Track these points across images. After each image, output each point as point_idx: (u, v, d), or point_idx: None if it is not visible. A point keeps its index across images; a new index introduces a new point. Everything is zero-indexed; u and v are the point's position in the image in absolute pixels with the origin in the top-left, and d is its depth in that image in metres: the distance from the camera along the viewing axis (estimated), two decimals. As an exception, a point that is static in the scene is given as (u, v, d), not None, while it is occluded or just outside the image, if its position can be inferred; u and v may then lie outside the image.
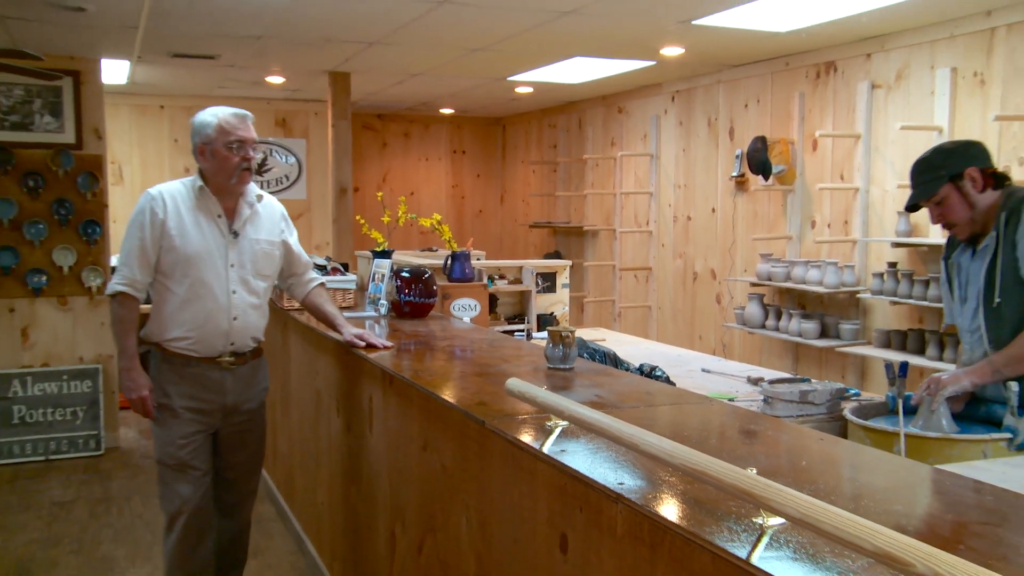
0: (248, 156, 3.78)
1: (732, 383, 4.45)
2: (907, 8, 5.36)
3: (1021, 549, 1.70)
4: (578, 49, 6.84)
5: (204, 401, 3.85)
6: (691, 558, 1.72)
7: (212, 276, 3.79)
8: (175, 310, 3.78)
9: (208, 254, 3.79)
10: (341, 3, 5.42)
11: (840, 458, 2.38)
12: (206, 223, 3.81)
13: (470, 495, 2.82)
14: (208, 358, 3.83)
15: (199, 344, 3.81)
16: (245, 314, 3.88)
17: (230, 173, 3.77)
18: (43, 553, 5.30)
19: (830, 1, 5.21)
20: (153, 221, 3.73)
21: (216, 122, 3.75)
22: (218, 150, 3.75)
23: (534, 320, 6.27)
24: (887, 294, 5.86)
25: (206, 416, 3.87)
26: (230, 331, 3.84)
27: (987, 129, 5.49)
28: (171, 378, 3.82)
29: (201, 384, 3.84)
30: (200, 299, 3.77)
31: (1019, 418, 3.05)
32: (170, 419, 3.82)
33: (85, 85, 7.46)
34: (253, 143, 3.82)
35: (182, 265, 3.75)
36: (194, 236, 3.78)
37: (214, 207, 3.83)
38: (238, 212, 3.88)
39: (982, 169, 3.30)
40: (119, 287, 3.74)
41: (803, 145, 6.89)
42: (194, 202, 3.82)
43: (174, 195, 3.82)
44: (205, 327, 3.79)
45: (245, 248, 3.88)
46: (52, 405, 7.34)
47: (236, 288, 3.85)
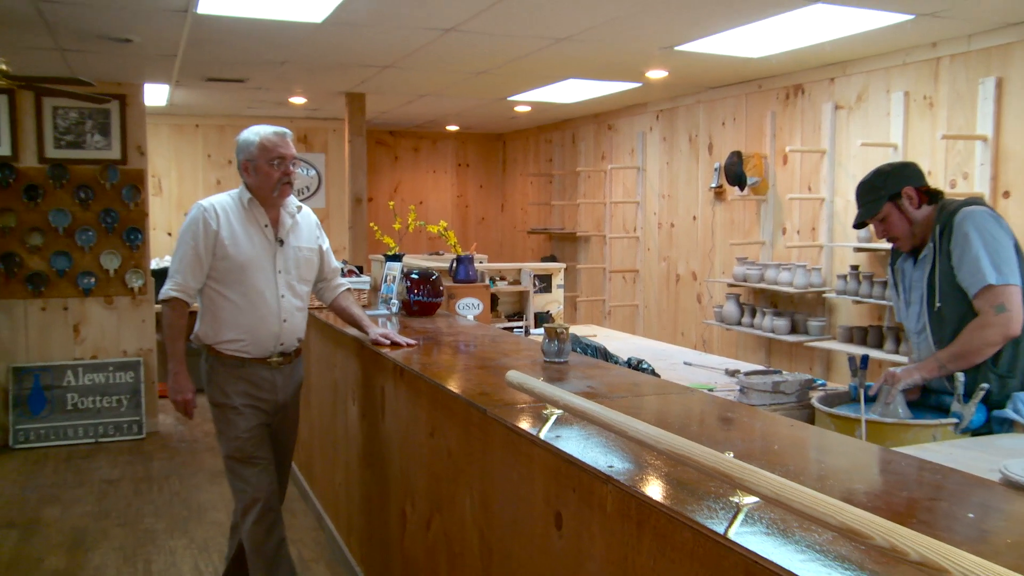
0: (288, 171, 3.75)
1: (711, 375, 4.46)
2: (865, 38, 5.38)
3: (963, 520, 1.72)
4: (571, 72, 6.84)
5: (260, 400, 3.82)
6: (674, 534, 1.73)
7: (264, 282, 3.76)
8: (230, 315, 3.74)
9: (259, 261, 3.76)
10: (357, 32, 5.42)
11: (808, 442, 2.39)
12: (255, 232, 3.78)
13: (473, 477, 2.83)
14: (259, 359, 3.80)
15: (252, 346, 3.77)
16: (292, 316, 3.86)
17: (272, 187, 3.74)
18: (95, 524, 5.37)
19: (797, 31, 5.21)
20: (207, 231, 3.69)
21: (258, 140, 3.72)
22: (261, 166, 3.72)
23: (532, 318, 6.28)
24: (850, 294, 5.87)
25: (263, 412, 3.84)
26: (280, 333, 3.81)
27: (936, 146, 5.52)
28: (227, 379, 3.78)
29: (255, 383, 3.81)
30: (254, 304, 3.74)
31: (964, 405, 3.08)
32: (233, 416, 3.79)
33: (130, 107, 7.53)
34: (292, 158, 3.78)
35: (236, 272, 3.71)
36: (245, 245, 3.74)
37: (261, 217, 3.80)
38: (281, 222, 3.85)
39: (917, 188, 3.35)
40: (173, 293, 3.69)
41: (775, 159, 6.89)
42: (243, 213, 3.78)
43: (224, 207, 3.78)
44: (258, 330, 3.76)
45: (290, 255, 3.86)
46: (100, 393, 7.44)
47: (284, 292, 3.82)
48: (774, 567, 1.45)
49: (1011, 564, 1.26)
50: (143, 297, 7.60)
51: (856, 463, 2.20)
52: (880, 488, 1.96)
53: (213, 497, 5.86)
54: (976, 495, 1.87)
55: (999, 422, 3.11)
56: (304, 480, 5.81)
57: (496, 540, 2.64)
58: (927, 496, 1.87)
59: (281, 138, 3.76)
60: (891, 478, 2.03)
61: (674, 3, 4.62)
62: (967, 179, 5.31)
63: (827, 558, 1.47)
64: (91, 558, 4.84)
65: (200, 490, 6.02)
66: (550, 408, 2.39)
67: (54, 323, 7.37)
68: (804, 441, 2.38)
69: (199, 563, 4.76)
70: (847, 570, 1.42)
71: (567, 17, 5.00)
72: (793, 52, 5.85)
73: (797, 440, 2.36)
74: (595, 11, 4.84)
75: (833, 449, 2.33)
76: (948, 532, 1.62)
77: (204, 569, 4.68)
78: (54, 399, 7.30)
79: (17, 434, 7.16)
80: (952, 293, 3.22)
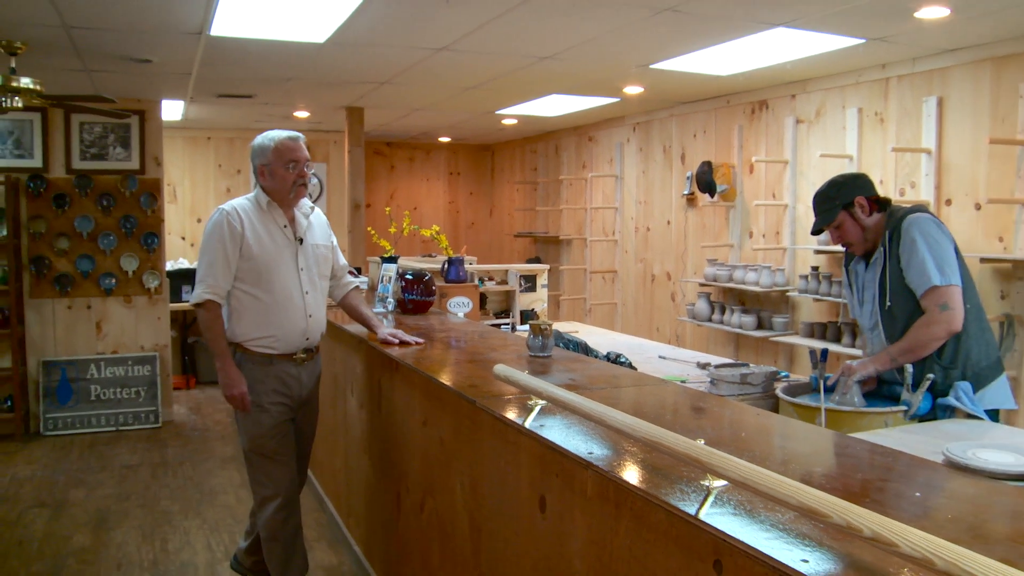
0: (303, 173, 3.61)
1: (684, 368, 4.46)
2: (822, 59, 5.40)
3: (911, 498, 1.73)
4: (554, 88, 6.84)
5: (286, 396, 3.66)
6: (649, 515, 1.73)
7: (289, 280, 3.62)
8: (260, 314, 3.56)
9: (282, 260, 3.61)
10: (356, 51, 5.41)
11: (772, 429, 2.39)
12: (276, 232, 3.63)
13: (463, 463, 2.83)
14: (286, 355, 3.64)
15: (280, 343, 3.60)
16: (317, 312, 3.72)
17: (288, 189, 3.59)
18: (117, 505, 5.36)
19: (762, 51, 5.23)
20: (232, 233, 3.51)
21: (274, 145, 3.57)
22: (276, 170, 3.57)
23: (518, 315, 6.27)
24: (811, 292, 5.89)
25: (288, 408, 3.69)
26: (307, 328, 3.67)
27: (887, 158, 5.54)
28: (256, 376, 3.59)
29: (281, 380, 3.64)
30: (281, 302, 3.58)
31: (912, 394, 3.11)
32: (259, 413, 3.61)
33: (148, 122, 7.51)
34: (306, 161, 3.64)
35: (263, 272, 3.55)
36: (268, 244, 3.59)
37: (280, 218, 3.64)
38: (297, 222, 3.70)
39: (868, 197, 3.38)
40: (207, 295, 3.50)
41: (742, 169, 6.90)
42: (262, 215, 3.61)
43: (245, 209, 3.61)
44: (287, 326, 3.60)
45: (309, 252, 3.71)
46: (120, 385, 7.43)
47: (308, 289, 3.68)
48: (741, 545, 1.46)
49: (951, 537, 1.27)
50: (159, 296, 7.60)
51: (816, 448, 2.20)
52: (837, 471, 1.97)
53: (223, 481, 5.85)
54: (922, 476, 1.88)
55: (943, 409, 3.14)
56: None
57: (484, 522, 2.64)
58: (879, 477, 1.87)
59: (295, 142, 3.62)
60: (847, 461, 2.04)
61: (649, 25, 4.63)
62: (914, 188, 5.33)
63: (790, 536, 1.47)
64: (114, 536, 4.83)
65: (211, 475, 6.00)
66: (535, 399, 2.39)
67: (79, 320, 7.37)
68: (769, 428, 2.39)
69: (211, 541, 4.74)
70: (808, 546, 1.42)
71: (550, 37, 5.00)
72: (758, 71, 5.87)
73: (763, 427, 2.37)
74: (576, 32, 4.84)
75: (795, 435, 2.34)
76: (897, 510, 1.63)
77: (215, 547, 4.66)
78: (79, 390, 7.30)
79: (47, 422, 7.17)
80: (901, 293, 3.25)
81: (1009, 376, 3.50)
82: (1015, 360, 4.74)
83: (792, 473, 1.83)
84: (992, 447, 2.24)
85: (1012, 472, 2.04)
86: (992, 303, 4.86)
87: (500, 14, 4.44)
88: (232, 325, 3.61)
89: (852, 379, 3.21)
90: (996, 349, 3.34)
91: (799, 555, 1.39)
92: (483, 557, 2.66)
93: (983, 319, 3.31)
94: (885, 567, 1.33)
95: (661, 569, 1.69)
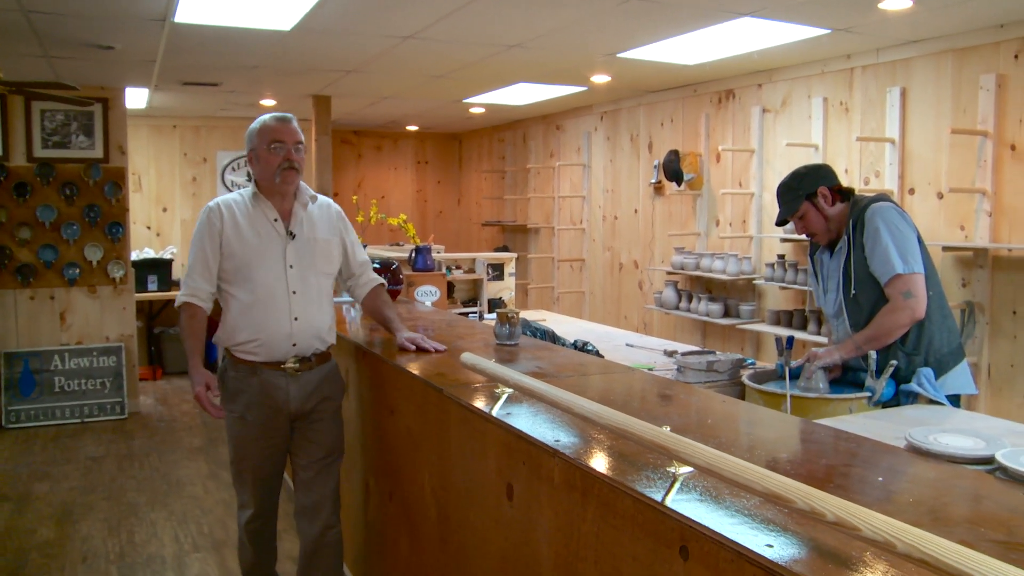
0: (290, 156, 3.26)
1: (651, 355, 4.47)
2: (788, 49, 5.44)
3: (873, 483, 1.75)
4: (522, 76, 6.82)
5: (271, 410, 3.26)
6: (616, 502, 1.73)
7: (271, 278, 3.25)
8: (239, 314, 3.24)
9: (265, 256, 3.27)
10: (323, 39, 5.37)
11: (739, 416, 2.41)
12: (262, 227, 3.29)
13: (431, 452, 2.82)
14: (273, 363, 3.24)
15: (263, 347, 3.23)
16: (307, 313, 3.28)
17: (273, 172, 3.25)
18: (82, 498, 5.30)
19: (729, 41, 5.25)
20: (211, 231, 3.26)
21: (259, 128, 3.31)
22: (261, 153, 3.27)
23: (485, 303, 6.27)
24: (777, 280, 5.93)
25: (273, 425, 3.29)
26: (292, 332, 3.24)
27: (851, 147, 5.59)
28: (238, 385, 3.27)
29: (266, 392, 3.25)
30: (261, 301, 3.23)
31: (876, 380, 3.14)
32: (238, 426, 3.30)
33: (112, 110, 7.43)
34: (295, 143, 3.30)
35: (242, 270, 3.24)
36: (251, 240, 3.27)
37: (269, 211, 3.30)
38: (293, 213, 3.34)
39: (830, 187, 3.40)
40: (184, 298, 3.25)
41: (709, 157, 6.94)
42: (250, 209, 3.31)
43: (231, 204, 3.32)
44: (268, 329, 3.23)
45: (303, 248, 3.33)
46: (85, 376, 7.35)
47: (296, 288, 3.28)
48: (707, 531, 1.46)
49: (912, 520, 1.29)
50: (124, 286, 7.53)
51: (781, 434, 2.22)
52: (802, 456, 1.99)
53: (191, 472, 5.80)
54: (885, 460, 1.90)
55: (906, 395, 3.18)
56: (276, 455, 5.76)
57: (453, 510, 2.64)
58: (843, 463, 1.89)
59: (280, 122, 3.32)
60: (812, 447, 2.06)
61: (616, 14, 4.63)
62: (879, 177, 5.38)
63: (755, 521, 1.48)
64: (79, 529, 4.77)
65: (178, 466, 5.95)
66: (502, 387, 2.39)
67: (42, 311, 7.27)
68: (735, 415, 2.40)
69: (178, 533, 4.71)
70: (772, 531, 1.44)
71: (517, 26, 4.99)
72: (725, 60, 5.89)
73: (729, 414, 2.38)
74: (543, 21, 4.83)
75: (761, 422, 2.35)
76: (860, 494, 1.65)
77: (183, 539, 4.63)
78: (43, 382, 7.21)
79: (9, 415, 7.09)
80: (866, 281, 3.28)
81: (970, 362, 3.54)
82: (976, 347, 4.81)
83: (758, 459, 1.84)
84: (953, 432, 2.27)
85: (971, 456, 2.07)
86: (954, 291, 4.92)
87: (468, 2, 4.42)
88: (220, 328, 3.35)
89: (816, 365, 3.24)
90: (958, 336, 3.39)
91: (764, 540, 1.40)
92: (451, 545, 2.66)
93: (945, 306, 3.35)
94: (848, 551, 1.35)
95: (628, 555, 1.70)
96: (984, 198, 4.76)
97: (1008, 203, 4.71)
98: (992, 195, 4.74)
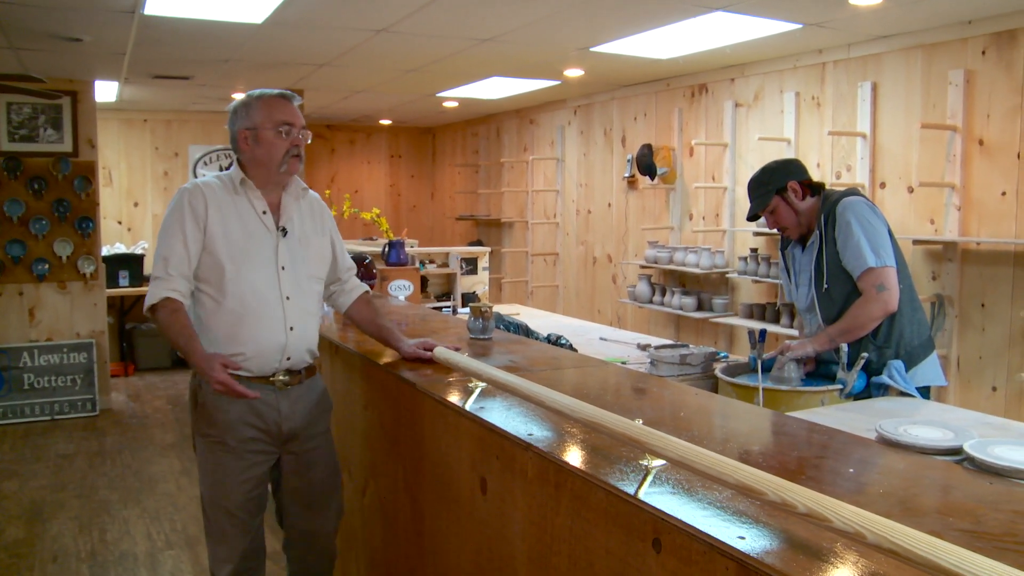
0: (298, 141, 2.83)
1: (625, 349, 4.49)
2: (761, 43, 5.46)
3: (845, 475, 1.76)
4: (496, 70, 6.81)
5: (258, 430, 2.79)
6: (590, 495, 1.74)
7: (262, 281, 2.78)
8: (224, 323, 2.74)
9: (256, 255, 2.80)
10: (295, 32, 5.33)
11: (712, 409, 2.42)
12: (250, 219, 2.81)
13: (405, 446, 2.81)
14: (261, 377, 2.78)
15: (252, 361, 2.76)
16: (302, 323, 2.84)
17: (278, 161, 2.80)
18: (52, 496, 5.24)
19: (701, 35, 5.26)
20: (194, 216, 2.74)
21: (260, 103, 2.81)
22: (265, 135, 2.78)
23: (459, 298, 6.27)
24: (750, 274, 5.96)
25: (262, 450, 2.82)
26: (287, 344, 2.80)
27: (823, 141, 5.63)
28: (221, 406, 2.74)
29: (254, 411, 2.78)
30: (251, 308, 2.75)
31: (847, 373, 3.17)
32: (222, 455, 2.77)
33: (81, 103, 7.33)
34: (302, 127, 2.88)
35: (227, 269, 2.74)
36: (238, 235, 2.78)
37: (258, 202, 2.83)
38: (283, 207, 2.88)
39: (800, 181, 3.43)
40: (164, 293, 2.68)
41: (682, 151, 6.96)
42: (233, 197, 2.82)
43: (212, 188, 2.81)
44: (259, 340, 2.76)
45: (295, 247, 2.88)
46: (55, 373, 7.26)
47: (290, 293, 2.82)
48: (679, 523, 1.47)
49: (882, 511, 1.30)
50: (95, 282, 7.44)
51: (754, 427, 2.23)
52: (775, 449, 2.00)
53: (163, 469, 5.76)
54: (856, 452, 1.92)
55: (877, 387, 3.21)
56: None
57: (426, 504, 2.64)
58: (815, 455, 1.91)
59: (288, 100, 2.86)
60: (784, 439, 2.07)
61: (589, 8, 4.63)
62: (850, 171, 5.42)
63: (727, 513, 1.49)
64: (49, 528, 4.72)
65: (151, 463, 5.91)
66: (475, 381, 2.39)
67: (10, 307, 7.17)
68: (708, 408, 2.41)
69: (151, 530, 4.67)
70: (744, 523, 1.44)
71: (491, 20, 4.97)
72: (697, 55, 5.90)
73: (702, 407, 2.39)
74: (517, 15, 4.82)
75: (734, 415, 2.37)
76: (832, 486, 1.66)
77: (155, 536, 4.59)
78: (11, 379, 7.11)
79: (-25, 413, 7.00)
80: (838, 275, 3.31)
81: (940, 354, 3.59)
82: (945, 339, 4.86)
83: (730, 452, 1.85)
84: (922, 423, 2.29)
85: (940, 447, 2.10)
86: (924, 284, 4.98)
87: (440, -5, 4.41)
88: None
89: (788, 356, 3.26)
90: (927, 328, 3.43)
91: (736, 532, 1.41)
92: (426, 539, 2.66)
93: (915, 299, 3.38)
94: (819, 542, 1.36)
95: (601, 548, 1.70)
96: (953, 192, 4.81)
97: (976, 197, 4.76)
98: (961, 189, 4.79)
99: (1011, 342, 4.62)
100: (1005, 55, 4.58)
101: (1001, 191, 4.63)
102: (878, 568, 1.27)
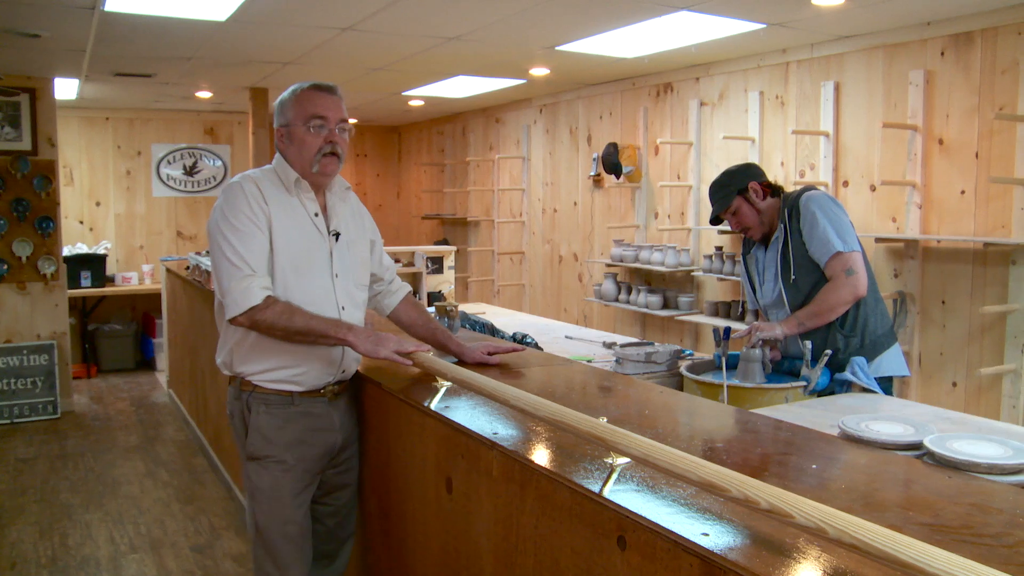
0: (334, 138, 2.58)
1: (591, 347, 4.49)
2: (725, 43, 5.49)
3: (808, 471, 1.78)
4: (461, 69, 6.80)
5: (314, 446, 2.63)
6: (555, 494, 1.74)
7: (319, 291, 2.59)
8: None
9: (313, 261, 2.60)
10: (259, 30, 5.28)
11: (677, 406, 2.43)
12: (305, 222, 2.61)
13: (370, 446, 2.80)
14: (312, 391, 2.63)
15: (306, 375, 2.60)
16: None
17: (309, 159, 2.57)
18: (11, 501, 5.15)
19: (666, 34, 5.28)
20: (261, 211, 2.51)
21: (293, 98, 2.60)
22: (296, 131, 2.57)
23: (425, 297, 6.25)
24: (715, 272, 6.00)
25: (315, 469, 2.66)
26: (343, 357, 2.66)
27: (787, 140, 5.68)
28: (274, 422, 2.58)
29: (309, 426, 2.62)
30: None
31: (811, 369, 3.20)
32: (279, 475, 2.58)
33: (40, 100, 7.22)
34: (340, 121, 2.60)
35: (287, 276, 2.53)
36: (296, 238, 2.57)
37: (310, 202, 2.62)
38: (330, 208, 2.69)
39: (760, 182, 3.52)
40: (263, 292, 2.45)
41: (647, 150, 6.99)
42: (286, 196, 2.59)
43: (266, 184, 2.58)
44: (314, 353, 2.58)
45: (345, 253, 2.69)
46: (15, 376, 7.13)
47: (345, 303, 2.66)
48: (644, 520, 1.47)
49: (843, 506, 1.32)
50: (55, 283, 7.33)
51: (719, 424, 2.25)
52: (739, 446, 2.01)
53: (127, 472, 5.69)
54: (819, 448, 1.94)
55: (840, 383, 3.26)
56: (213, 453, 5.68)
57: (393, 505, 2.63)
58: (779, 451, 1.92)
59: (323, 92, 2.60)
60: (749, 436, 2.08)
61: (555, 7, 4.63)
62: (814, 169, 5.48)
63: (691, 510, 1.50)
64: (7, 534, 4.63)
65: (114, 466, 5.83)
66: (440, 381, 2.38)
67: (-33, 309, 7.04)
68: (673, 405, 2.42)
69: (114, 534, 4.61)
70: (708, 520, 1.45)
71: (456, 18, 4.96)
72: (663, 54, 5.93)
73: (667, 405, 2.40)
74: (482, 13, 4.81)
75: (699, 412, 2.38)
76: (795, 482, 1.67)
77: (119, 539, 4.53)
78: (-32, 382, 6.99)
79: (-69, 416, 6.86)
80: (804, 265, 3.37)
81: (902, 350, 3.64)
82: (907, 335, 4.92)
83: (695, 449, 1.86)
84: (884, 419, 2.32)
85: (902, 442, 2.12)
86: (886, 281, 5.04)
87: (405, -7, 4.39)
88: (234, 352, 2.62)
89: (756, 335, 3.28)
90: (890, 319, 3.52)
91: (700, 529, 1.41)
92: (393, 539, 2.65)
93: (877, 291, 3.46)
94: (782, 537, 1.37)
95: (566, 546, 1.70)
96: (914, 191, 4.87)
97: (936, 196, 4.82)
98: (922, 188, 4.86)
99: (971, 338, 4.69)
100: (963, 56, 4.64)
101: (960, 190, 4.69)
102: (840, 563, 1.28)
